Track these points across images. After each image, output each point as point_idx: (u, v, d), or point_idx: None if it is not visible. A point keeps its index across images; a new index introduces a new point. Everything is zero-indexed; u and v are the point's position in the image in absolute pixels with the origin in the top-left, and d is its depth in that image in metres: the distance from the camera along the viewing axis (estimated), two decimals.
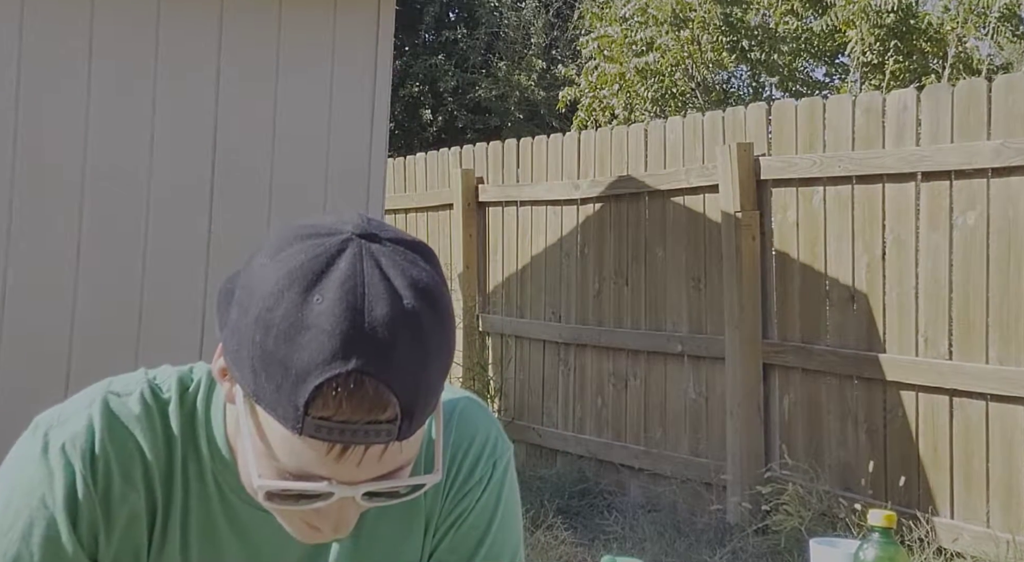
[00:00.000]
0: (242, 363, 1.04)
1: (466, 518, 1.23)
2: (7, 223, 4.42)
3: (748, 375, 5.63)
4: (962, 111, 4.83)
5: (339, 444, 1.01)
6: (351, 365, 0.98)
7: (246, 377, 1.04)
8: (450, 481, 1.23)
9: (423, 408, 1.04)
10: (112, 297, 4.50)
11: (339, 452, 1.01)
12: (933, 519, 4.83)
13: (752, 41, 11.17)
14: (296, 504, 1.06)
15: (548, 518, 5.47)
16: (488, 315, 7.45)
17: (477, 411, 1.26)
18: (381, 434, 1.01)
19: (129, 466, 1.15)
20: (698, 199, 6.03)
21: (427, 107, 14.14)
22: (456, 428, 1.23)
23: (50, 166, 4.49)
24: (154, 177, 4.57)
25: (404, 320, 1.00)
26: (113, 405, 1.17)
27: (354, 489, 1.03)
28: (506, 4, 15.17)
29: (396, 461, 1.04)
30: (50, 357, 4.30)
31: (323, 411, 0.99)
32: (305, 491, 1.04)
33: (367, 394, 0.99)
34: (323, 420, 1.00)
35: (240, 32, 4.73)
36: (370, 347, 0.99)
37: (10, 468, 1.16)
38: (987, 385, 4.69)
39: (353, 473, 1.03)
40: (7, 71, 4.43)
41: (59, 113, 4.52)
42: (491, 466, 1.24)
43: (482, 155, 7.64)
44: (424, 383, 1.03)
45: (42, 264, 4.48)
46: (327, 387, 0.99)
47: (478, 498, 1.23)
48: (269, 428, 1.04)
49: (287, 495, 1.06)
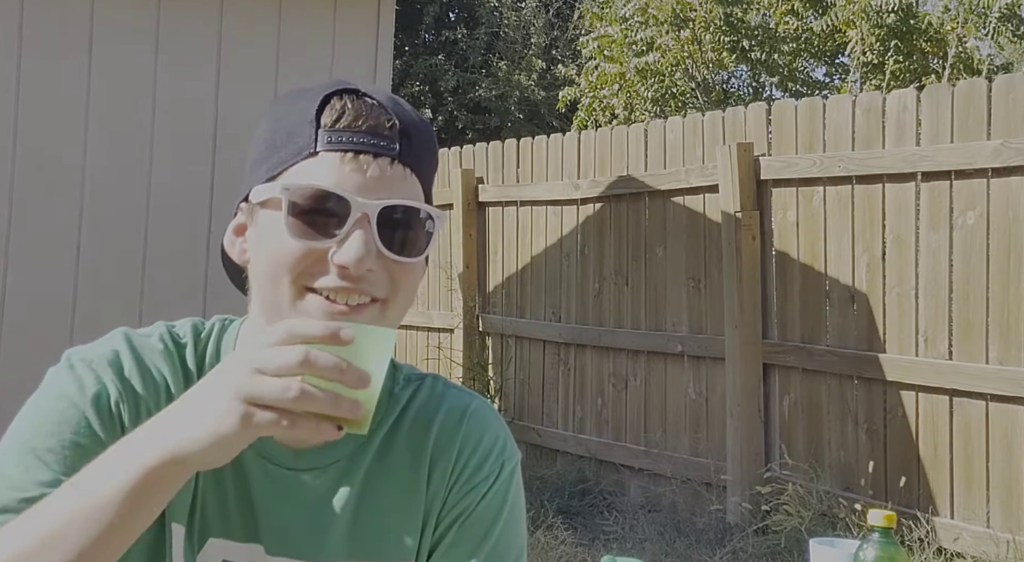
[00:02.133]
0: (258, 164, 1.18)
1: (471, 513, 1.24)
2: (7, 223, 4.43)
3: (748, 375, 5.62)
4: (962, 111, 4.82)
5: (351, 152, 1.13)
6: (350, 87, 1.18)
7: (262, 167, 1.18)
8: (456, 474, 1.25)
9: (418, 141, 1.17)
10: (112, 297, 4.50)
11: (352, 161, 1.13)
12: (933, 519, 4.83)
13: (752, 41, 11.17)
14: (318, 233, 1.12)
15: (548, 518, 5.47)
16: (488, 315, 7.45)
17: (489, 413, 1.29)
18: (384, 144, 1.14)
19: (154, 391, 1.19)
20: (698, 199, 6.03)
21: (427, 107, 14.14)
22: (467, 425, 1.26)
23: (50, 165, 4.49)
24: (154, 176, 4.57)
25: (390, 93, 1.20)
26: (136, 340, 1.22)
27: (369, 206, 1.12)
28: (506, 4, 15.17)
29: (402, 190, 1.15)
30: (50, 357, 4.30)
31: (331, 118, 1.14)
32: (328, 190, 1.12)
33: (367, 104, 1.16)
34: (333, 130, 1.14)
35: (240, 31, 4.73)
36: (362, 87, 1.18)
37: (39, 391, 1.21)
38: (987, 385, 4.68)
39: (366, 189, 1.13)
40: (7, 69, 4.43)
41: (59, 112, 4.52)
42: (499, 466, 1.26)
43: (482, 155, 7.64)
44: (415, 123, 1.18)
45: (42, 264, 4.48)
46: (334, 98, 1.16)
47: (484, 493, 1.25)
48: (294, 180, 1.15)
49: (312, 221, 1.12)
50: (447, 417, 1.27)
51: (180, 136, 4.61)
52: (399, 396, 1.28)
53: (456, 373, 7.44)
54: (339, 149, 1.14)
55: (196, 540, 1.20)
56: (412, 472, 1.25)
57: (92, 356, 1.20)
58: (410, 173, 1.17)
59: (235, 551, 1.21)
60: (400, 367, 1.31)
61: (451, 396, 1.29)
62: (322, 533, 1.22)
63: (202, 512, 1.20)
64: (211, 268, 4.57)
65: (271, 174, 1.17)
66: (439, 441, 1.26)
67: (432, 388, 1.29)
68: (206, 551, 1.20)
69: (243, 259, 1.21)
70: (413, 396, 1.28)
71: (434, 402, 1.28)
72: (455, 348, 7.54)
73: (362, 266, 1.12)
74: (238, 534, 1.21)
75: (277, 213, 1.14)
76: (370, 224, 1.12)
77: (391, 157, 1.15)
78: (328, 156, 1.14)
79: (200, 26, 4.69)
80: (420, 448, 1.26)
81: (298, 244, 1.13)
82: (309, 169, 1.14)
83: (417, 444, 1.26)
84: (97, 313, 4.43)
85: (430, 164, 1.21)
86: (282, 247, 1.14)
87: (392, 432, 1.26)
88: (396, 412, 1.27)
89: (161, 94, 4.61)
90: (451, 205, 7.66)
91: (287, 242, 1.13)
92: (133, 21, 4.60)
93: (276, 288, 1.15)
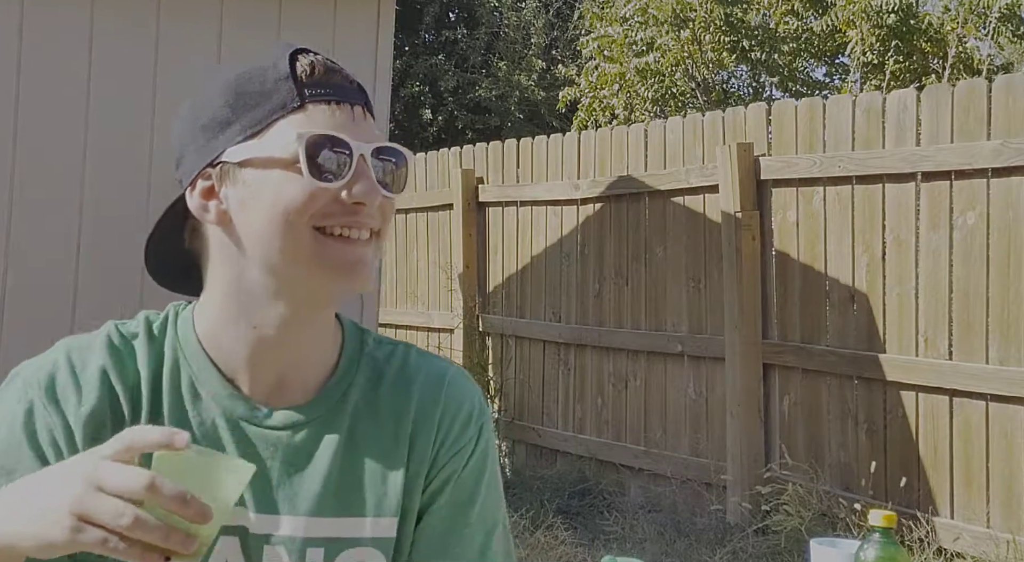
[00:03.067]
0: (220, 128, 1.22)
1: (460, 473, 1.31)
2: (7, 223, 4.43)
3: (748, 375, 5.62)
4: (962, 111, 4.82)
5: (334, 101, 1.21)
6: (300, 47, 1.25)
7: (231, 128, 1.22)
8: (440, 439, 1.31)
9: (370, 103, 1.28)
10: (112, 297, 4.50)
11: (338, 111, 1.21)
12: (933, 519, 4.83)
13: (752, 41, 11.17)
14: (331, 176, 1.19)
15: (548, 518, 5.47)
16: (488, 315, 7.45)
17: (464, 381, 1.36)
18: (354, 93, 1.24)
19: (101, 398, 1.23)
20: (698, 199, 6.03)
21: (427, 107, 14.14)
22: (446, 393, 1.33)
23: (50, 165, 4.49)
24: (154, 176, 4.57)
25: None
26: (74, 357, 1.27)
27: (364, 147, 1.21)
28: (506, 4, 15.17)
29: (376, 135, 1.25)
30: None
31: (305, 70, 1.22)
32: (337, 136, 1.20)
33: (329, 63, 1.24)
34: (311, 82, 1.21)
35: (240, 31, 4.73)
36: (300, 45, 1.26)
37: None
38: (987, 385, 4.68)
39: (357, 134, 1.22)
40: (7, 69, 4.43)
41: (59, 112, 4.52)
42: (479, 429, 1.34)
43: (482, 155, 7.64)
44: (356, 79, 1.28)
45: (42, 264, 4.48)
46: (300, 54, 1.23)
47: (470, 454, 1.32)
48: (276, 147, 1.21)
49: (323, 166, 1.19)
50: (427, 383, 1.33)
51: None
52: (374, 355, 1.34)
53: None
54: (323, 100, 1.22)
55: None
56: (392, 432, 1.30)
57: (31, 378, 1.25)
58: (372, 120, 1.27)
59: None
60: (367, 331, 1.37)
61: (428, 362, 1.35)
62: (303, 488, 1.25)
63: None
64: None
65: (249, 132, 1.22)
66: (421, 406, 1.31)
67: (407, 354, 1.35)
68: None
69: (222, 219, 1.24)
70: (389, 358, 1.34)
71: (412, 367, 1.34)
72: (455, 348, 7.54)
73: (375, 200, 1.21)
74: None
75: (272, 168, 1.20)
76: (367, 164, 1.21)
77: (361, 104, 1.25)
78: (317, 107, 1.21)
79: (200, 26, 4.68)
80: (401, 411, 1.31)
81: (315, 187, 1.19)
82: (302, 121, 1.21)
83: (398, 406, 1.31)
84: (97, 313, 4.43)
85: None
86: (294, 194, 1.20)
87: (371, 390, 1.31)
88: (373, 371, 1.32)
89: (161, 94, 4.61)
90: (451, 205, 7.66)
91: (299, 188, 1.19)
92: (133, 21, 4.60)
93: (288, 235, 1.20)
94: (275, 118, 1.21)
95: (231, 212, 1.23)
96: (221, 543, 1.22)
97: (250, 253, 1.23)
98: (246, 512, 1.24)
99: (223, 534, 1.20)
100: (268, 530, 1.24)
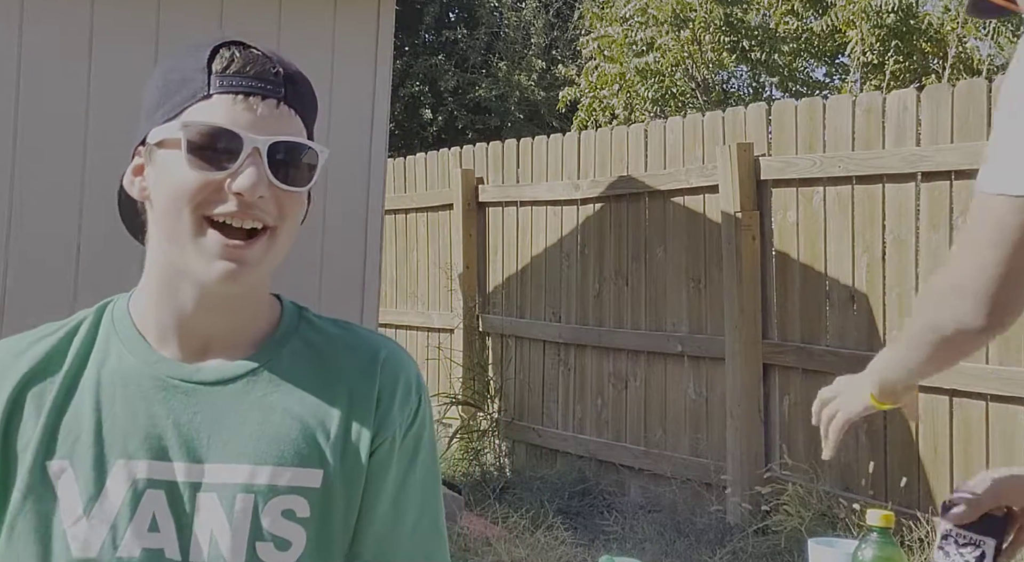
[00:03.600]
0: (153, 110, 1.31)
1: (404, 438, 1.37)
2: (7, 223, 4.42)
3: (748, 375, 5.62)
4: (962, 111, 4.82)
5: (241, 93, 1.26)
6: (237, 40, 1.30)
7: (158, 112, 1.29)
8: (383, 409, 1.36)
9: (301, 87, 1.31)
10: (112, 296, 4.50)
11: (243, 102, 1.25)
12: (933, 519, 4.83)
13: (752, 41, 11.17)
14: (214, 166, 1.24)
15: (548, 518, 5.47)
16: (488, 315, 7.45)
17: (402, 355, 1.41)
18: (271, 86, 1.27)
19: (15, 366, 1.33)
20: (698, 199, 6.03)
21: (427, 107, 14.15)
22: (384, 367, 1.37)
23: (50, 165, 4.49)
24: None
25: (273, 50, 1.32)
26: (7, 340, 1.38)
27: (259, 140, 1.25)
28: (506, 4, 15.17)
29: (288, 128, 1.28)
30: None
31: (222, 64, 1.27)
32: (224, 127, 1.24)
33: (253, 54, 1.29)
34: (224, 75, 1.26)
35: (240, 31, 4.71)
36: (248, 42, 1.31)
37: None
38: (987, 385, 4.68)
39: (256, 127, 1.25)
40: (7, 69, 4.43)
41: (59, 113, 4.52)
42: (418, 399, 1.39)
43: (482, 155, 7.64)
44: (297, 73, 1.31)
45: (42, 264, 4.47)
46: (223, 48, 1.28)
47: (411, 421, 1.37)
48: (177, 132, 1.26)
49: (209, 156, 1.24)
50: (361, 358, 1.37)
51: None
52: (311, 327, 1.39)
53: (456, 373, 7.44)
54: (230, 91, 1.26)
55: (93, 467, 1.28)
56: (320, 396, 1.34)
57: None
58: (294, 114, 1.29)
59: (142, 468, 1.28)
60: (305, 309, 1.43)
61: (364, 339, 1.40)
62: (230, 439, 1.30)
63: (95, 442, 1.29)
64: None
65: (167, 117, 1.28)
66: (355, 377, 1.36)
67: (346, 328, 1.41)
68: (114, 474, 1.28)
69: (143, 195, 1.32)
70: (326, 330, 1.40)
71: (347, 342, 1.39)
72: (455, 348, 7.54)
73: (255, 192, 1.24)
74: (142, 453, 1.29)
75: (175, 152, 1.26)
76: (261, 157, 1.25)
77: (277, 99, 1.28)
78: (221, 98, 1.26)
79: (200, 26, 4.68)
80: (335, 379, 1.35)
81: (197, 175, 1.25)
82: (204, 109, 1.26)
83: (332, 373, 1.36)
84: None
85: (312, 108, 1.34)
86: (182, 180, 1.25)
87: (304, 355, 1.36)
88: (309, 340, 1.38)
89: None
90: (451, 205, 7.66)
91: (187, 174, 1.25)
92: (133, 21, 4.60)
93: (177, 219, 1.26)
94: (187, 105, 1.27)
95: (150, 190, 1.31)
96: (147, 497, 1.28)
97: (160, 231, 1.30)
98: (170, 465, 1.28)
99: (149, 488, 1.28)
100: (194, 478, 1.29)
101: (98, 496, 1.27)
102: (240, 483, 1.29)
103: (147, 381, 1.32)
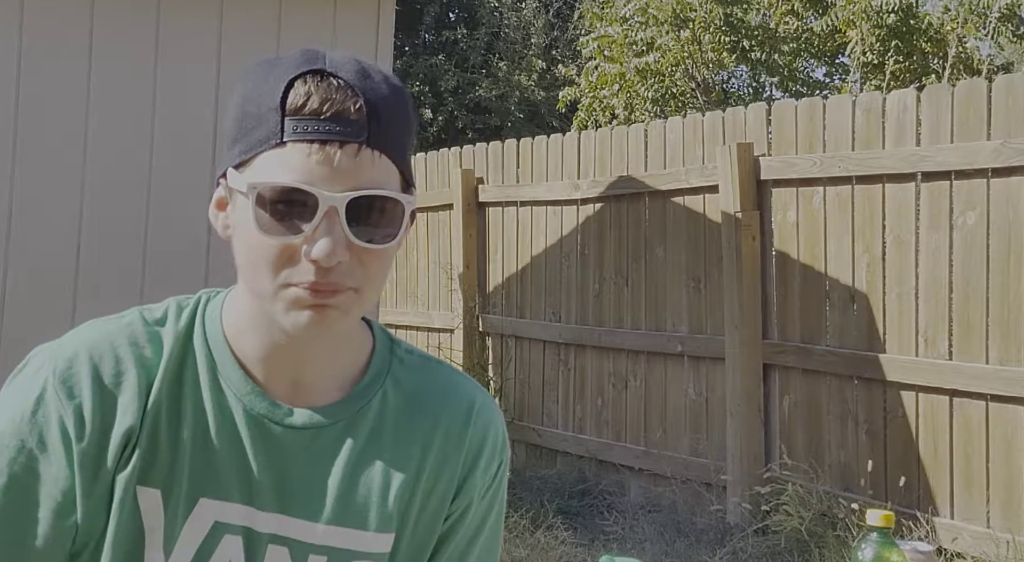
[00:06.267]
0: (232, 142, 1.17)
1: (474, 506, 1.31)
2: (7, 223, 4.42)
3: (748, 375, 5.62)
4: (962, 111, 4.82)
5: (317, 143, 1.11)
6: (316, 67, 1.14)
7: (235, 147, 1.16)
8: (467, 470, 1.30)
9: (388, 119, 1.14)
10: (112, 297, 4.50)
11: (318, 152, 1.11)
12: (933, 519, 4.83)
13: (752, 41, 11.17)
14: (287, 230, 1.13)
15: (548, 518, 5.47)
16: (488, 315, 7.45)
17: (493, 410, 1.34)
18: (350, 131, 1.12)
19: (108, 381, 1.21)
20: (698, 199, 6.03)
21: (427, 107, 14.15)
22: (475, 421, 1.31)
23: (50, 165, 4.49)
24: (154, 176, 4.57)
25: (360, 61, 1.17)
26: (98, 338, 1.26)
27: (337, 198, 1.12)
28: (506, 4, 15.17)
29: (371, 176, 1.14)
30: None
31: (296, 102, 1.12)
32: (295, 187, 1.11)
33: (333, 85, 1.13)
34: (298, 118, 1.12)
35: (240, 31, 4.73)
36: (330, 63, 1.15)
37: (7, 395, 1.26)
38: (987, 385, 4.68)
39: (333, 180, 1.12)
40: (7, 69, 4.43)
41: (59, 113, 4.52)
42: (500, 460, 1.33)
43: (482, 155, 7.64)
44: (385, 98, 1.15)
45: (42, 264, 4.47)
46: (298, 82, 1.13)
47: (491, 484, 1.32)
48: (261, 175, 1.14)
49: (280, 217, 1.13)
50: (456, 410, 1.30)
51: (180, 136, 4.61)
52: (403, 368, 1.31)
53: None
54: (304, 139, 1.12)
55: (182, 502, 1.20)
56: (409, 450, 1.27)
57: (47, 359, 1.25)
58: (380, 155, 1.15)
59: (228, 511, 1.21)
60: (396, 341, 1.33)
61: (457, 385, 1.33)
62: (315, 493, 1.23)
63: (189, 474, 1.21)
64: (211, 268, 4.57)
65: (242, 158, 1.16)
66: (448, 433, 1.29)
67: (437, 372, 1.33)
68: (197, 513, 1.21)
69: (226, 234, 1.21)
70: (418, 373, 1.31)
71: (439, 388, 1.31)
72: (455, 348, 7.54)
73: (333, 259, 1.12)
74: (231, 494, 1.21)
75: (245, 206, 1.15)
76: (339, 215, 1.12)
77: (358, 143, 1.13)
78: (295, 147, 1.12)
79: (200, 26, 4.68)
80: (427, 432, 1.28)
81: (269, 241, 1.14)
82: (276, 161, 1.13)
83: (421, 427, 1.29)
84: (97, 313, 4.43)
85: (403, 138, 1.19)
86: (256, 242, 1.15)
87: (395, 405, 1.28)
88: (400, 385, 1.29)
89: (161, 93, 4.61)
90: (451, 205, 7.66)
91: (260, 239, 1.14)
92: (133, 21, 4.60)
93: (256, 278, 1.17)
94: (260, 150, 1.15)
95: (232, 229, 1.20)
96: (225, 542, 1.21)
97: (243, 278, 1.22)
98: (252, 511, 1.22)
99: (227, 533, 1.21)
100: (273, 530, 1.22)
101: (179, 533, 1.20)
102: (316, 543, 1.23)
103: (241, 415, 1.22)
